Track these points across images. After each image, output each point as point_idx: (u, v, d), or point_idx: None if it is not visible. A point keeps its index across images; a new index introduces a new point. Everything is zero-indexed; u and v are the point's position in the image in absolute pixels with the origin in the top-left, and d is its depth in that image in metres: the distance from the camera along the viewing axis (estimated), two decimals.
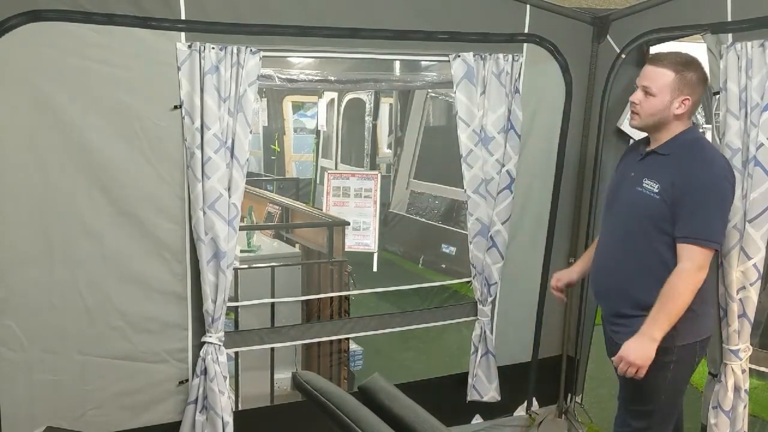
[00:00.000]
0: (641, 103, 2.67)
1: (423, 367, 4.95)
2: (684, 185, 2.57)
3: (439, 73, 5.25)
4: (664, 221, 2.61)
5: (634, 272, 2.70)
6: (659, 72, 2.62)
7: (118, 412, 3.07)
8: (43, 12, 2.65)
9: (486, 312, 3.67)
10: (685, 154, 2.63)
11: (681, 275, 2.56)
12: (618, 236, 2.81)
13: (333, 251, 4.16)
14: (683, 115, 2.65)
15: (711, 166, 2.60)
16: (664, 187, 2.61)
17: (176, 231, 3.01)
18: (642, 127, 2.74)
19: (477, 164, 3.44)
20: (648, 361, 2.57)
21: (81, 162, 2.82)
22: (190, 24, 2.87)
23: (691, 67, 2.63)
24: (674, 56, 2.66)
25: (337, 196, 6.88)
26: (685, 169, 2.60)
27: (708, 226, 2.56)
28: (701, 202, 2.55)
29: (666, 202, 2.60)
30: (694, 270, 2.55)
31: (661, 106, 2.63)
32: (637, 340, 2.60)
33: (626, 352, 2.60)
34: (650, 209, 2.64)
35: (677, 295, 2.56)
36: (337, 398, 1.78)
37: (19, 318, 2.83)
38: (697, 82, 2.64)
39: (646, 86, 2.64)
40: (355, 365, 4.47)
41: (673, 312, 2.56)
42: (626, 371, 2.61)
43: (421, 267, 7.94)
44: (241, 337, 3.35)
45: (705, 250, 2.56)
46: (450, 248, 7.70)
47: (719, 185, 2.58)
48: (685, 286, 2.56)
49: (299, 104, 12.19)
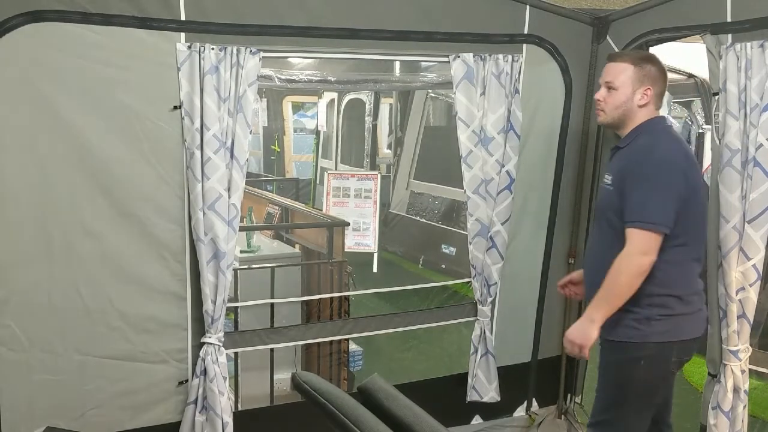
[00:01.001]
0: (605, 99, 2.74)
1: (423, 367, 4.95)
2: (626, 173, 2.64)
3: (438, 74, 5.26)
4: (618, 211, 2.66)
5: (605, 266, 2.71)
6: (619, 66, 2.71)
7: (117, 412, 3.07)
8: (43, 12, 2.66)
9: (486, 312, 3.67)
10: (636, 142, 2.70)
11: (621, 258, 2.58)
12: (595, 234, 2.90)
13: (333, 252, 4.16)
14: (646, 106, 2.71)
15: (651, 152, 2.63)
16: (615, 177, 2.69)
17: (176, 231, 3.01)
18: (609, 122, 2.79)
19: (477, 165, 3.44)
20: (588, 341, 2.63)
21: (81, 162, 2.82)
22: (189, 24, 2.87)
23: (649, 61, 2.73)
24: (632, 52, 2.85)
25: (337, 197, 6.88)
26: (630, 157, 2.67)
27: (644, 209, 2.56)
28: (638, 184, 2.59)
29: (617, 190, 2.66)
30: (636, 254, 2.55)
31: (624, 98, 2.69)
32: (579, 321, 2.68)
33: (568, 333, 2.69)
34: (608, 202, 2.72)
35: (615, 278, 2.58)
36: (337, 399, 1.78)
37: (19, 318, 2.83)
38: (657, 74, 2.71)
39: (609, 81, 2.72)
40: (354, 366, 4.47)
41: (612, 294, 2.60)
42: (571, 351, 2.68)
43: (421, 267, 7.95)
44: (240, 337, 3.35)
45: (645, 233, 2.55)
46: (450, 248, 7.70)
47: (658, 167, 2.59)
48: (626, 269, 2.57)
49: (299, 104, 12.20)
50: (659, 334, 2.66)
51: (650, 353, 2.68)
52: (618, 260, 2.58)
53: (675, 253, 2.62)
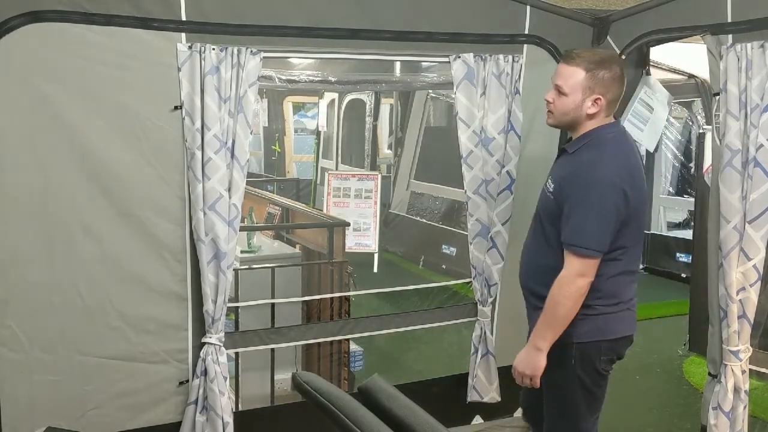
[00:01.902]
0: (554, 102, 2.62)
1: (423, 367, 4.95)
2: (568, 185, 2.55)
3: (439, 74, 5.26)
4: (555, 220, 2.58)
5: (538, 271, 2.70)
6: (570, 70, 2.56)
7: (118, 413, 3.07)
8: (43, 13, 2.66)
9: (486, 313, 3.67)
10: (582, 152, 2.59)
11: (559, 283, 2.52)
12: (530, 235, 2.83)
13: (333, 252, 4.16)
14: (597, 114, 2.58)
15: (593, 170, 2.53)
16: (556, 186, 2.60)
17: (176, 231, 3.02)
18: (557, 125, 2.73)
19: (477, 165, 3.44)
20: (537, 370, 2.57)
21: (81, 163, 2.82)
22: (190, 25, 2.87)
23: (604, 66, 2.55)
24: (588, 54, 2.59)
25: (338, 197, 6.90)
26: (574, 168, 2.57)
27: (582, 232, 2.49)
28: (578, 205, 2.50)
29: (557, 201, 2.58)
30: (572, 276, 2.50)
31: (573, 106, 2.57)
32: (524, 351, 2.61)
33: (516, 363, 2.62)
34: (547, 209, 2.65)
35: (556, 304, 2.52)
36: (337, 399, 1.78)
37: (20, 318, 2.83)
38: (611, 80, 2.55)
39: (559, 85, 2.59)
40: (355, 366, 4.47)
41: (554, 320, 2.53)
42: (522, 382, 2.63)
43: (421, 267, 7.95)
44: (241, 337, 3.36)
45: (582, 259, 2.48)
46: (450, 249, 7.70)
47: (598, 190, 2.49)
48: (565, 294, 2.51)
49: (300, 105, 12.20)
50: (583, 334, 2.60)
51: (578, 353, 2.63)
52: (557, 286, 2.52)
53: (608, 267, 2.56)
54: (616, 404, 4.33)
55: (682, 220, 8.74)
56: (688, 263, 7.00)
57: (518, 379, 2.64)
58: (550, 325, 2.55)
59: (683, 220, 8.71)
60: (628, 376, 4.83)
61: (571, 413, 2.73)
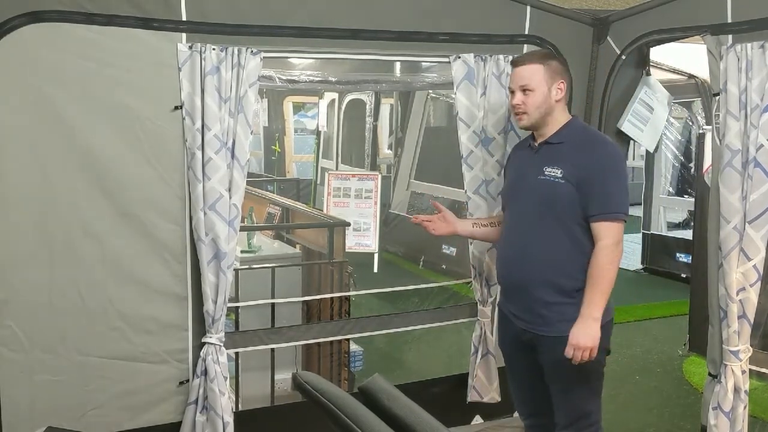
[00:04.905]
0: (525, 103, 2.79)
1: (423, 367, 4.95)
2: (588, 166, 2.72)
3: (439, 74, 5.25)
4: (572, 203, 2.71)
5: (553, 260, 2.75)
6: (530, 68, 2.79)
7: (118, 413, 3.07)
8: (43, 13, 2.66)
9: (486, 313, 3.67)
10: (579, 138, 2.81)
11: (605, 252, 2.67)
12: (525, 228, 2.84)
13: (333, 252, 4.16)
14: (562, 100, 2.82)
15: (606, 146, 2.83)
16: (567, 171, 2.72)
17: (177, 231, 3.02)
18: (531, 124, 2.84)
19: (477, 165, 3.45)
20: (596, 340, 2.66)
21: (81, 163, 2.82)
22: (190, 25, 2.87)
23: (551, 57, 2.91)
24: (533, 53, 3.01)
25: (338, 197, 6.89)
26: (586, 152, 2.76)
27: (619, 201, 2.71)
28: (608, 181, 2.72)
29: (572, 184, 2.70)
30: (614, 245, 2.68)
31: (542, 98, 2.78)
32: (581, 324, 2.66)
33: (576, 339, 2.65)
34: (557, 194, 2.73)
35: (606, 272, 2.68)
36: (338, 399, 1.79)
37: (20, 319, 2.83)
38: (561, 67, 2.86)
39: (525, 85, 2.78)
40: (355, 366, 4.47)
41: (605, 289, 2.68)
42: (581, 356, 2.65)
43: (421, 268, 7.95)
44: (241, 337, 3.36)
45: (618, 224, 2.70)
46: (450, 249, 7.70)
47: (618, 161, 2.81)
48: (612, 260, 2.69)
49: (300, 105, 12.21)
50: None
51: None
52: (602, 254, 2.67)
53: None
54: (616, 404, 4.34)
55: (682, 220, 8.75)
56: (688, 263, 7.00)
57: (578, 354, 2.65)
58: (604, 293, 2.68)
59: (683, 220, 8.72)
60: (628, 376, 4.83)
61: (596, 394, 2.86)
